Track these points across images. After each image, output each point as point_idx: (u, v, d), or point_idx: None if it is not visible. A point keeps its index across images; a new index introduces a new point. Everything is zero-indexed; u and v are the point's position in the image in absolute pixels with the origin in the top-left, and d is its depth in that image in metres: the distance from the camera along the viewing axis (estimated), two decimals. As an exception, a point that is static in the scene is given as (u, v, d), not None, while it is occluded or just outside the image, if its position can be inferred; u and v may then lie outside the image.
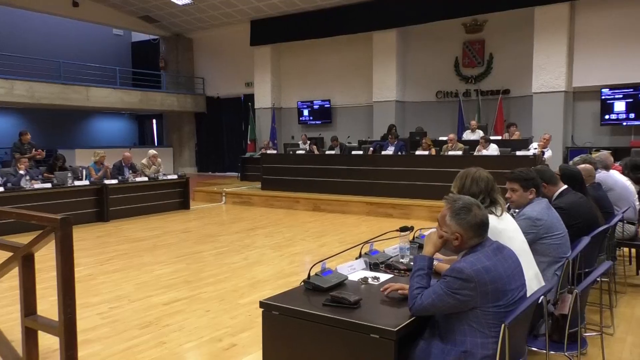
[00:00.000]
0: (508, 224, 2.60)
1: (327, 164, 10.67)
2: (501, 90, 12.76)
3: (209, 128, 18.62)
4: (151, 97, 17.17)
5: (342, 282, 2.55)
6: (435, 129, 12.59)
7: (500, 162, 8.49)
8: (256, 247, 6.79)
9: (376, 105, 14.01)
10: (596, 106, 11.32)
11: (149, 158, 10.31)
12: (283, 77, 16.32)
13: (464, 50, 13.36)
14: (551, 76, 11.46)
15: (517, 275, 2.12)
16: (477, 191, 2.57)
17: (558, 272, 2.94)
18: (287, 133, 16.36)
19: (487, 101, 13.05)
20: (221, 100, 18.25)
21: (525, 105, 12.08)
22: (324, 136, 14.81)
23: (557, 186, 3.68)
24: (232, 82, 17.51)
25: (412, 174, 9.58)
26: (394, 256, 3.08)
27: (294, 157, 11.39)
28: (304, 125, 16.06)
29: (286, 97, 16.33)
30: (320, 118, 15.66)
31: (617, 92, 11.05)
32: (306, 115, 15.91)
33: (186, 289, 4.88)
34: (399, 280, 2.65)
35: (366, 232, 7.51)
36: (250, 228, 8.23)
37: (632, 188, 5.09)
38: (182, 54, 18.48)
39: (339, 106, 15.41)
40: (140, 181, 9.71)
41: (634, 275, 5.15)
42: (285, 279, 5.13)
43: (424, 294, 2.08)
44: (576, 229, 3.39)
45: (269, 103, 16.10)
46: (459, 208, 2.16)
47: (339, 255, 3.19)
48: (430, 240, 2.28)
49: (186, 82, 18.55)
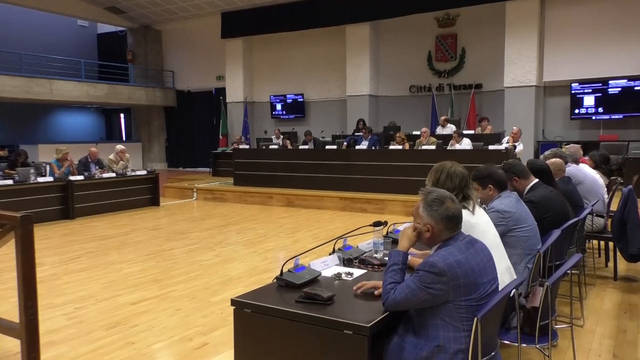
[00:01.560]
0: (481, 219, 2.64)
1: (301, 159, 10.65)
2: (474, 84, 12.95)
3: (179, 122, 18.43)
4: (118, 90, 16.87)
5: (315, 279, 2.55)
6: (409, 123, 12.70)
7: (474, 156, 8.61)
8: (228, 243, 6.76)
9: (350, 100, 14.05)
10: (566, 101, 11.60)
11: (116, 153, 10.12)
12: (255, 71, 16.21)
13: (436, 45, 13.50)
14: (522, 71, 11.68)
15: (489, 268, 2.15)
16: (451, 187, 2.60)
17: (529, 265, 3.00)
18: (260, 128, 16.28)
19: (460, 95, 13.22)
20: (192, 94, 18.07)
21: (498, 99, 12.29)
22: (298, 131, 14.79)
23: (528, 180, 3.75)
24: (203, 75, 17.32)
25: (386, 168, 9.64)
26: (368, 251, 3.08)
27: (267, 152, 11.35)
28: (277, 120, 16.00)
29: (258, 91, 16.23)
30: (293, 112, 15.61)
31: (587, 87, 11.34)
32: (279, 109, 15.84)
33: (155, 287, 4.82)
34: (372, 275, 2.66)
35: (340, 228, 7.54)
36: (222, 224, 8.18)
37: (601, 181, 5.23)
38: (150, 46, 18.20)
39: (313, 100, 15.39)
40: (108, 177, 9.53)
41: (603, 268, 5.30)
42: (258, 276, 5.12)
43: (397, 289, 2.09)
44: (547, 223, 3.45)
45: (241, 97, 15.97)
46: (431, 200, 2.18)
47: (313, 251, 3.18)
48: (405, 235, 2.29)
49: (155, 75, 18.28)
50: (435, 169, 2.74)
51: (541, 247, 3.08)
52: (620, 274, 5.01)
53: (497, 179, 3.12)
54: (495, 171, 3.16)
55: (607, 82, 11.13)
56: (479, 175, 3.16)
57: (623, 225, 4.57)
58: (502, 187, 3.14)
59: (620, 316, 3.98)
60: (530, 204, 3.32)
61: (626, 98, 10.95)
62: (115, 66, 17.60)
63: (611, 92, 11.12)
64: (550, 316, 2.54)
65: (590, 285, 4.71)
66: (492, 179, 3.12)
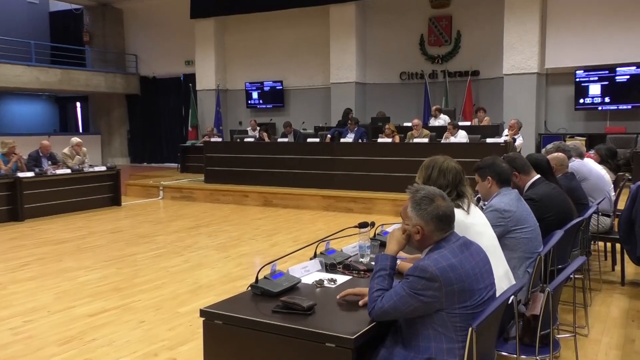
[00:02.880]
0: (476, 219, 2.66)
1: (280, 153, 10.64)
2: (470, 71, 13.06)
3: (143, 112, 18.28)
4: (74, 76, 16.66)
5: (294, 286, 2.55)
6: (399, 114, 12.76)
7: (470, 150, 8.69)
8: (198, 248, 6.75)
9: (334, 88, 14.06)
10: (570, 90, 11.76)
11: (72, 147, 10.00)
12: (229, 55, 16.12)
13: (429, 27, 13.58)
14: (523, 57, 11.80)
15: (486, 273, 2.17)
16: (444, 184, 2.61)
17: (529, 269, 3.03)
18: (234, 118, 16.20)
19: (455, 83, 13.32)
20: (157, 81, 17.93)
21: (496, 88, 12.41)
22: (276, 122, 14.76)
23: (529, 175, 3.79)
24: (169, 60, 17.18)
25: (374, 164, 9.68)
26: (353, 255, 3.10)
27: (241, 146, 11.31)
28: (253, 110, 15.93)
29: (232, 78, 16.15)
30: (271, 101, 15.57)
31: (592, 74, 11.51)
32: (255, 98, 15.79)
33: (116, 297, 4.79)
34: (358, 282, 2.67)
35: (323, 229, 7.55)
36: (191, 226, 8.16)
37: (607, 177, 5.31)
38: (110, 27, 18.00)
39: (293, 88, 15.36)
40: (62, 174, 9.41)
41: (610, 272, 5.39)
42: (232, 284, 5.12)
43: (385, 296, 2.10)
44: (548, 223, 3.50)
45: (212, 84, 15.88)
46: (420, 198, 2.19)
47: (292, 256, 3.18)
48: (394, 238, 2.30)
49: (116, 59, 18.09)
50: (426, 165, 2.75)
51: (542, 249, 3.12)
52: (628, 279, 5.11)
53: (498, 171, 3.15)
54: (498, 163, 3.19)
55: (614, 70, 11.30)
56: (480, 165, 3.20)
57: (631, 225, 4.64)
58: (503, 182, 3.16)
59: (628, 324, 4.05)
60: (530, 202, 3.36)
61: (635, 87, 11.15)
62: (70, 49, 17.36)
63: (619, 80, 11.30)
64: (552, 325, 2.58)
65: (596, 290, 4.79)
66: (492, 170, 3.14)
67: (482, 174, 3.18)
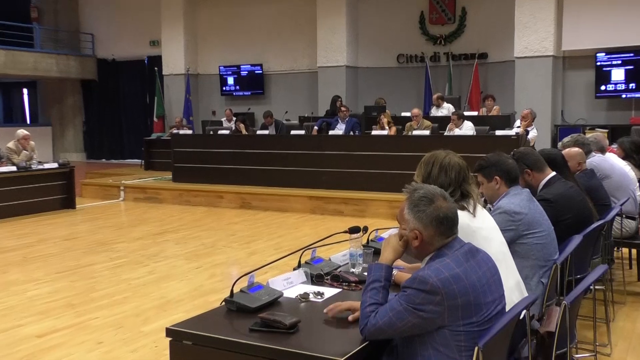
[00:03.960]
0: (483, 222, 2.68)
1: (259, 147, 10.62)
2: (477, 54, 13.11)
3: (101, 100, 18.18)
4: (19, 58, 16.50)
5: (275, 300, 2.55)
6: (396, 102, 12.78)
7: (476, 144, 8.73)
8: (165, 257, 6.74)
9: (321, 72, 14.05)
10: (590, 75, 11.85)
11: (17, 140, 9.92)
12: (200, 35, 16.06)
13: (430, 3, 13.62)
14: (537, 37, 11.87)
15: (494, 284, 2.18)
16: (446, 182, 2.63)
17: (544, 279, 3.06)
18: (207, 107, 16.15)
19: (460, 67, 13.37)
20: (118, 64, 17.84)
21: (506, 73, 12.47)
22: (255, 111, 14.72)
23: (543, 173, 3.82)
24: (132, 40, 17.07)
25: (367, 159, 9.68)
26: (343, 265, 3.10)
27: (215, 139, 11.27)
28: (229, 98, 15.88)
29: (205, 61, 16.09)
30: (249, 88, 15.53)
31: (615, 57, 11.60)
32: (231, 84, 15.75)
33: (70, 314, 4.76)
34: (348, 295, 2.67)
35: (310, 235, 7.56)
36: (157, 232, 8.16)
37: (632, 175, 5.35)
38: (62, 2, 17.90)
39: (274, 73, 15.33)
40: (6, 172, 9.33)
41: (635, 282, 5.44)
42: (204, 298, 5.11)
43: (379, 312, 2.10)
44: (565, 226, 3.53)
45: (181, 68, 15.81)
46: (417, 198, 2.20)
47: (273, 266, 3.17)
48: (389, 244, 2.30)
49: (69, 39, 17.97)
50: (426, 161, 2.76)
51: (558, 257, 3.14)
52: (656, 290, 5.16)
53: (506, 169, 3.17)
54: (504, 160, 3.21)
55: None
56: (483, 164, 3.21)
57: (659, 229, 4.69)
58: (512, 180, 3.19)
59: (655, 342, 4.09)
60: (545, 203, 3.38)
61: (664, 72, 11.25)
62: (15, 26, 17.17)
63: (645, 64, 11.40)
64: (569, 343, 2.60)
65: (619, 303, 4.83)
66: (499, 168, 3.16)
67: (488, 174, 3.19)
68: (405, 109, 11.43)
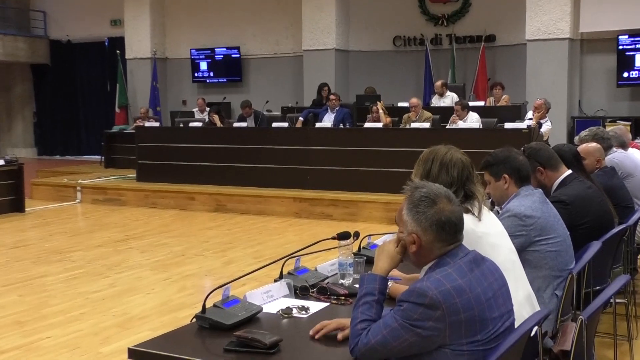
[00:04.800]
0: (490, 227, 2.68)
1: (236, 142, 10.60)
2: (483, 36, 13.17)
3: (55, 88, 18.10)
4: (-40, 39, 16.41)
5: (253, 316, 2.55)
6: (392, 91, 12.80)
7: (483, 138, 8.78)
8: (129, 267, 6.74)
9: (308, 56, 14.06)
10: (611, 60, 11.94)
11: (-42, 134, 9.84)
12: (169, 14, 16.02)
13: (431, -22, 13.66)
14: (551, 17, 11.93)
15: (502, 298, 2.19)
16: (447, 181, 2.63)
17: (558, 291, 3.07)
18: (176, 96, 16.12)
19: (465, 51, 13.41)
20: (73, 47, 17.80)
21: (517, 57, 12.53)
22: (231, 101, 14.70)
23: (558, 171, 3.84)
24: (90, 19, 16.99)
25: (360, 155, 9.69)
26: (331, 276, 3.10)
27: (186, 133, 11.26)
28: (201, 85, 15.86)
29: (174, 43, 16.06)
30: (225, 74, 15.53)
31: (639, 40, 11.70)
32: (204, 69, 15.73)
33: (18, 334, 4.73)
34: (337, 311, 2.67)
35: (294, 242, 7.57)
36: (120, 239, 8.14)
37: (658, 173, 5.39)
38: (10, -25, 17.81)
39: (253, 57, 15.33)
40: (-55, 170, 9.25)
41: (660, 294, 5.49)
42: (172, 314, 5.10)
43: (372, 329, 2.10)
44: (583, 231, 3.55)
45: (147, 51, 15.75)
46: (418, 198, 2.19)
47: (251, 277, 3.16)
48: (384, 252, 2.30)
49: (16, 17, 17.92)
50: (425, 157, 2.76)
51: (575, 266, 3.16)
52: (684, 303, 5.20)
53: (516, 167, 3.18)
54: (514, 156, 3.22)
55: (667, 35, 11.51)
56: (491, 161, 3.21)
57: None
58: (523, 179, 3.20)
59: (683, 362, 4.12)
60: (559, 205, 3.40)
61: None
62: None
63: (673, 48, 11.51)
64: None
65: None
66: (508, 166, 3.17)
67: (496, 172, 3.19)
68: (403, 99, 11.45)
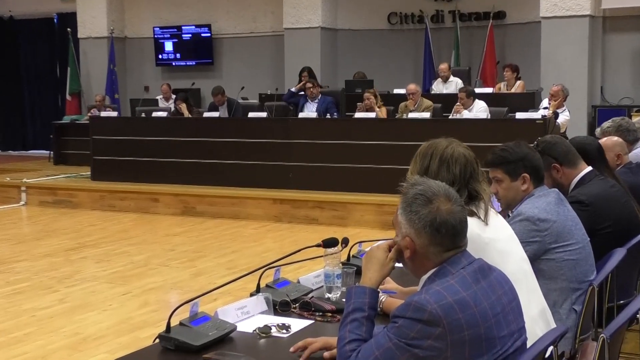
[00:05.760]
0: (499, 232, 2.69)
1: (207, 135, 10.59)
2: (492, 12, 13.20)
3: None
4: None
5: (226, 336, 2.55)
6: (387, 76, 12.83)
7: (491, 130, 8.81)
8: (82, 279, 6.71)
9: (289, 36, 14.07)
10: (638, 40, 11.99)
11: None
12: (128, -15, 15.99)
13: (432, -54, 13.71)
14: (569, -9, 12.00)
15: (512, 313, 2.19)
16: (448, 179, 2.63)
17: (577, 306, 3.08)
18: (137, 82, 16.11)
19: (471, 30, 13.45)
20: (16, 24, 17.75)
21: (530, 37, 12.57)
22: (202, 87, 14.65)
23: (577, 168, 3.85)
24: (35, -9, 16.94)
25: (350, 150, 9.70)
26: (316, 289, 3.11)
27: (148, 124, 11.27)
28: (166, 69, 15.86)
29: (134, 20, 16.05)
30: (194, 56, 15.55)
31: (670, 18, 11.78)
32: (169, 50, 15.72)
33: (-47, 357, 4.73)
34: (323, 329, 2.68)
35: (273, 250, 7.59)
36: (71, 247, 8.12)
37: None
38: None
39: (226, 36, 15.33)
40: None
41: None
42: (132, 334, 5.09)
43: (362, 350, 2.10)
44: (605, 237, 3.56)
45: (103, 29, 15.69)
46: (413, 196, 2.18)
47: (224, 290, 3.16)
48: (373, 260, 2.29)
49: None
50: (423, 152, 2.77)
51: (596, 277, 3.18)
52: None
53: (536, 166, 3.19)
54: (533, 154, 3.23)
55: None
56: (509, 157, 3.19)
57: None
58: (540, 180, 3.22)
59: None
60: (578, 207, 3.41)
61: None
62: None
63: None
64: (609, 388, 2.63)
65: (674, 337, 4.91)
66: (529, 164, 3.18)
67: (514, 170, 3.18)
68: (399, 85, 11.48)
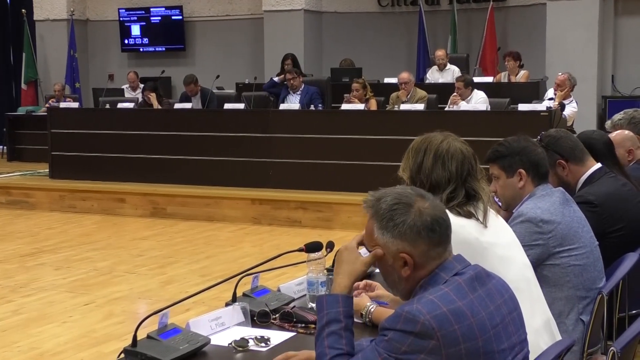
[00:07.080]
0: (499, 235, 2.71)
1: (178, 128, 10.59)
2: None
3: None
4: None
5: (198, 350, 2.56)
6: (377, 64, 12.85)
7: (491, 123, 8.81)
8: (39, 288, 6.71)
9: (269, 18, 14.09)
10: (652, 24, 12.08)
11: None
12: (91, -38, 15.95)
13: None
14: (576, -32, 12.06)
15: (513, 324, 2.20)
16: (444, 177, 2.63)
17: (584, 316, 3.10)
18: (100, 70, 16.11)
19: (469, 13, 13.50)
20: (-34, 5, 17.62)
21: (534, 20, 12.63)
22: (172, 76, 14.65)
23: (584, 165, 3.86)
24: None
25: (336, 145, 9.71)
26: (298, 298, 3.11)
27: (113, 116, 11.26)
28: (133, 55, 15.88)
29: (97, 1, 16.06)
30: (164, 42, 15.58)
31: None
32: (137, 35, 15.73)
33: None
34: (305, 342, 2.67)
35: (252, 255, 7.59)
36: (27, 252, 8.13)
37: None
38: None
39: (200, 19, 15.34)
40: None
41: None
42: (95, 348, 5.10)
43: (346, 366, 2.11)
44: (615, 240, 3.59)
45: (63, 11, 15.65)
46: (387, 209, 2.16)
47: (197, 299, 3.18)
48: (341, 263, 2.29)
49: None
50: (416, 147, 2.76)
51: (605, 284, 3.19)
52: None
53: (535, 161, 3.21)
54: (533, 147, 3.25)
55: None
56: (503, 152, 3.23)
57: None
58: (541, 177, 3.23)
59: None
60: (586, 207, 3.42)
61: None
62: None
63: None
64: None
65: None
66: (525, 159, 3.20)
67: (509, 166, 3.21)
68: (390, 73, 11.50)
